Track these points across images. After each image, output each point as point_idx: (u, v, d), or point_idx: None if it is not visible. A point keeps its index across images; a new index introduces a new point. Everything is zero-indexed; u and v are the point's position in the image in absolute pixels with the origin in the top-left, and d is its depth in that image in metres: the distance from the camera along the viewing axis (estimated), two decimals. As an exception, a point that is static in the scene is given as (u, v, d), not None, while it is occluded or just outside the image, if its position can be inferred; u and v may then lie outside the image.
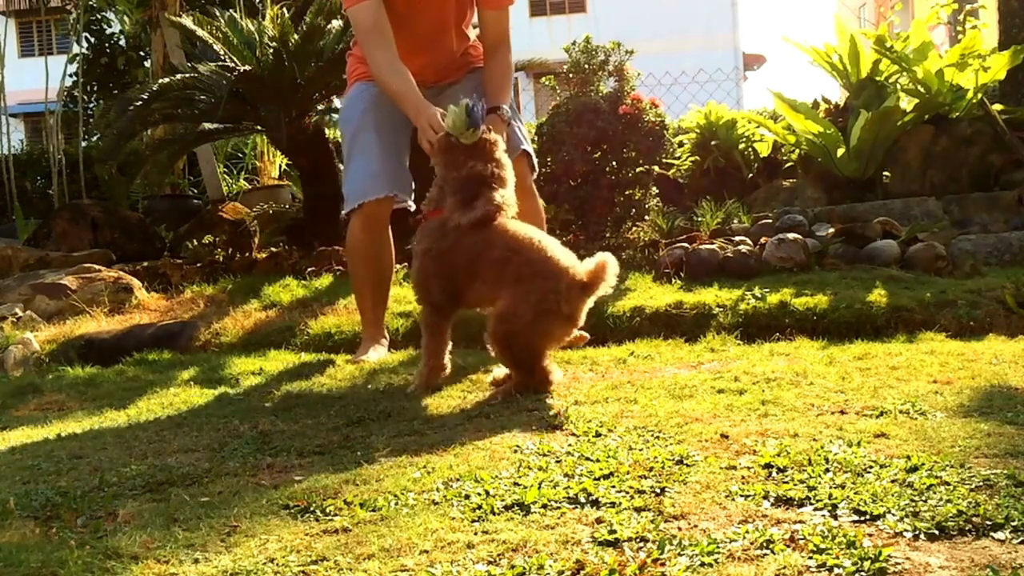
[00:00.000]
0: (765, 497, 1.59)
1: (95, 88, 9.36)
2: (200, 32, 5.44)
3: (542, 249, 2.60)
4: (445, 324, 2.81)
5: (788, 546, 1.38)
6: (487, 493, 1.68)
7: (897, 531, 1.42)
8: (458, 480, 1.78)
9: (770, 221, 4.98)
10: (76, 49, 8.85)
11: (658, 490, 1.66)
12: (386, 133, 3.30)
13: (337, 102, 6.08)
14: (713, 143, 6.39)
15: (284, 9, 5.53)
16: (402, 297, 4.39)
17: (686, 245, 4.60)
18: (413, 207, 3.42)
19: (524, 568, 1.34)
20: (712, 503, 1.59)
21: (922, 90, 5.76)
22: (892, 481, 1.63)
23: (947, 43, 9.71)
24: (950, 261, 4.38)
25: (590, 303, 2.62)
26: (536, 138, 5.35)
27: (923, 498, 1.53)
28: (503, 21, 3.36)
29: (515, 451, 1.97)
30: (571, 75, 5.65)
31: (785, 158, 6.52)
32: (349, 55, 3.51)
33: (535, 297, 2.52)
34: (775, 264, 4.37)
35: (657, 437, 2.02)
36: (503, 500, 1.64)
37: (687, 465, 1.80)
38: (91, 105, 9.36)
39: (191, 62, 6.05)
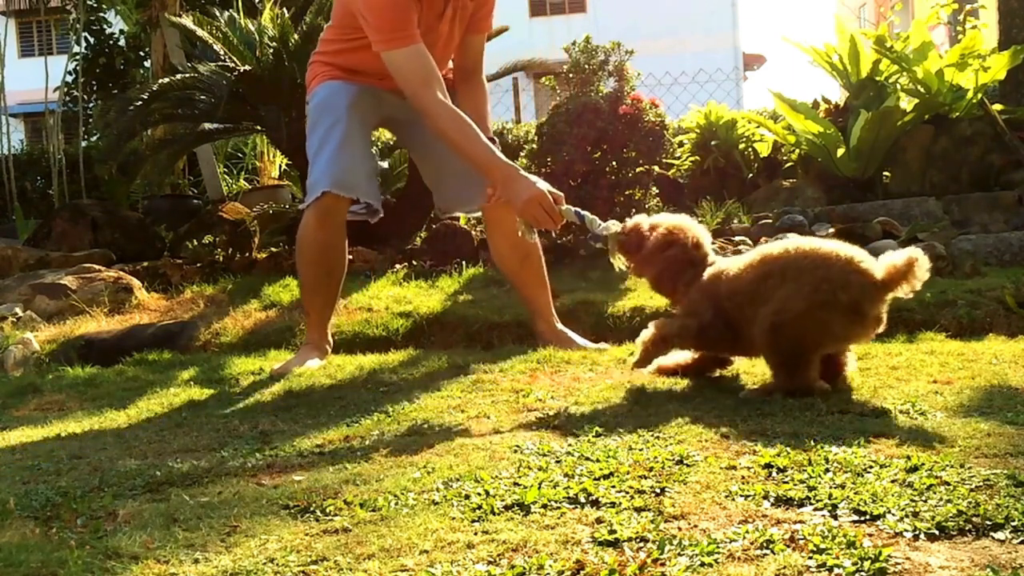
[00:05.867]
0: (765, 497, 1.59)
1: (95, 88, 9.37)
2: (200, 32, 5.45)
3: (801, 248, 2.38)
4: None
5: (788, 546, 1.38)
6: (487, 493, 1.68)
7: (897, 531, 1.42)
8: (458, 480, 1.78)
9: (770, 221, 4.98)
10: (76, 49, 8.86)
11: (658, 490, 1.66)
12: (365, 135, 3.27)
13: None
14: (713, 143, 6.39)
15: (284, 9, 5.53)
16: (402, 297, 4.39)
17: (686, 245, 4.59)
18: (381, 214, 3.35)
19: (524, 568, 1.34)
20: (712, 503, 1.59)
21: (922, 90, 5.76)
22: (892, 481, 1.63)
23: (947, 43, 9.71)
24: (950, 261, 4.38)
25: (886, 303, 2.33)
26: (536, 138, 5.36)
27: (923, 498, 1.53)
28: (483, 45, 3.40)
29: (515, 451, 1.97)
30: (571, 75, 5.64)
31: (785, 158, 6.52)
32: (311, 64, 3.37)
33: (808, 288, 2.27)
34: (775, 264, 4.36)
35: (657, 437, 2.02)
36: (503, 500, 1.64)
37: (687, 465, 1.80)
38: (91, 105, 9.37)
39: (191, 62, 6.05)
